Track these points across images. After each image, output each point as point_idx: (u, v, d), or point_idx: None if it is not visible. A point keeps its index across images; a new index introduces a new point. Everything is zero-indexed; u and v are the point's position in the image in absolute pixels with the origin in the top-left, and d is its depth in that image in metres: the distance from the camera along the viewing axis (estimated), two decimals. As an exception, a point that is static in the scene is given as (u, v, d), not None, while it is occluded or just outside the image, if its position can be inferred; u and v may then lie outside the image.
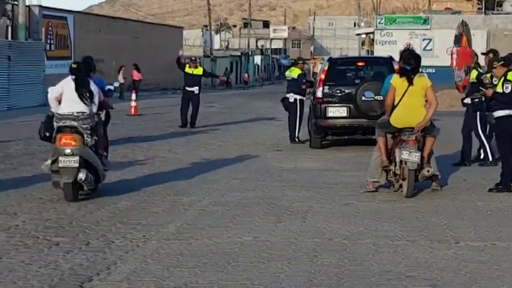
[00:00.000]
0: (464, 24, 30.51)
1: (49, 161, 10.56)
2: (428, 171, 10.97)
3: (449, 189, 11.68)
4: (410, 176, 10.83)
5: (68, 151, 10.34)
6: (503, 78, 11.42)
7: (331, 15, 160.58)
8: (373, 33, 54.08)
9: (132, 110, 28.75)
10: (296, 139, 18.75)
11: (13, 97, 33.46)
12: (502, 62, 11.69)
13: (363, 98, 16.43)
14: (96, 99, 10.92)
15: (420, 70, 11.36)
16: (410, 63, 11.12)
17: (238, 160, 15.45)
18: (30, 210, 9.86)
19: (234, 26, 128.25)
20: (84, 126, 10.61)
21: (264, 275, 6.93)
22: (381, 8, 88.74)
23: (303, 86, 18.94)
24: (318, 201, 10.68)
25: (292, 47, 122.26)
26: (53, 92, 11.00)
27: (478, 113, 13.98)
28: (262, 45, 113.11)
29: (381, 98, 13.74)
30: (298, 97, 18.89)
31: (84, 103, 10.70)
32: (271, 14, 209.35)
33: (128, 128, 19.98)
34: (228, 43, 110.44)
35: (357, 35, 71.50)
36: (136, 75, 45.97)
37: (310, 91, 18.80)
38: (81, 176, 10.28)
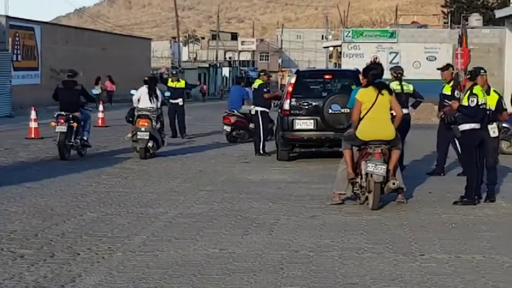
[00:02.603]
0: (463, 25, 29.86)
1: (129, 135, 17.54)
2: (394, 183, 11.03)
3: (414, 202, 11.75)
4: (376, 188, 10.89)
5: (143, 129, 17.22)
6: (469, 92, 11.52)
7: (299, 28, 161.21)
8: (340, 46, 54.32)
9: (100, 121, 28.65)
10: (261, 151, 18.70)
11: (-21, 107, 33.25)
12: (468, 76, 11.81)
13: (330, 111, 16.45)
14: (160, 100, 17.97)
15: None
16: (378, 72, 11.26)
17: (206, 172, 15.43)
18: (-6, 222, 9.77)
19: (203, 38, 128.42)
20: (153, 115, 17.50)
21: (230, 287, 6.93)
22: (349, 21, 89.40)
23: (265, 95, 18.91)
24: (285, 213, 10.70)
25: (260, 59, 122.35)
26: (135, 95, 18.00)
27: None
28: (230, 57, 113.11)
29: (348, 110, 13.82)
30: (259, 109, 18.88)
31: (153, 102, 17.68)
32: (240, 26, 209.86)
33: (96, 140, 19.86)
34: (196, 55, 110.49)
35: (325, 47, 71.83)
36: (110, 86, 46.31)
37: (276, 103, 18.78)
38: (150, 144, 17.34)
